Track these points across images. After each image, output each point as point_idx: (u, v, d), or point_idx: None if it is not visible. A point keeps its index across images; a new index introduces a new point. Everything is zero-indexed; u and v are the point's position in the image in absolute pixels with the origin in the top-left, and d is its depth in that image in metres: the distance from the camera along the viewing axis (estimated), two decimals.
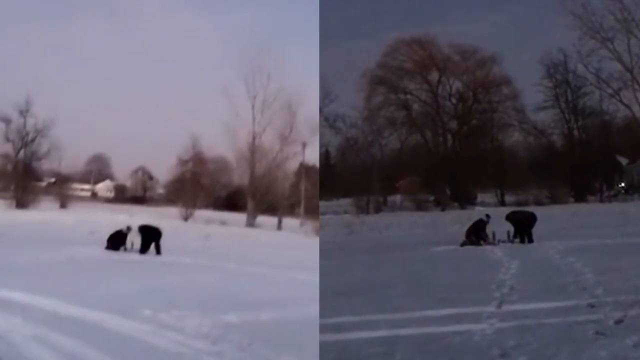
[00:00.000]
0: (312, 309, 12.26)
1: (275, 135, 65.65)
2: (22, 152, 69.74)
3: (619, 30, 59.69)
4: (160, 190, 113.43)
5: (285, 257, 27.50)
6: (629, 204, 47.11)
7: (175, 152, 75.88)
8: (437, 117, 69.50)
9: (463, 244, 22.78)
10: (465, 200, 60.75)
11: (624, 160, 64.61)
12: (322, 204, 65.04)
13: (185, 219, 62.07)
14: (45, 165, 76.07)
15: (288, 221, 61.74)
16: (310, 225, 52.19)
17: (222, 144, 71.81)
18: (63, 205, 70.08)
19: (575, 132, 67.04)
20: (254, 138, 64.58)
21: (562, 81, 66.77)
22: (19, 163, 69.45)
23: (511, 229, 23.40)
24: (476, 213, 25.31)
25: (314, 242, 34.10)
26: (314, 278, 15.84)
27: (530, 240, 22.64)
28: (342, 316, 11.53)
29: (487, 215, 24.51)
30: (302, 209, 65.89)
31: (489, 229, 23.60)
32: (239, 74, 65.41)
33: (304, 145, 66.32)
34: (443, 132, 70.19)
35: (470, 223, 24.18)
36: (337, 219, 50.17)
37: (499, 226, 23.90)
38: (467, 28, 78.15)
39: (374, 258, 21.26)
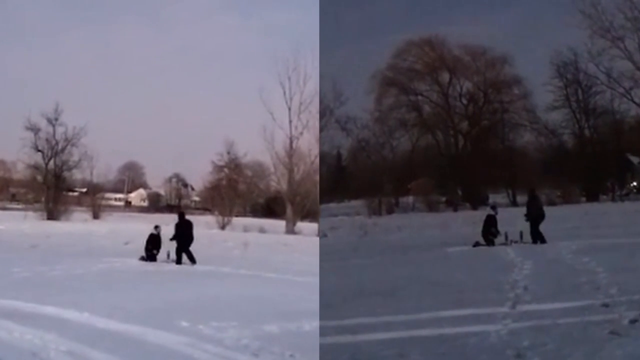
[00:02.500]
0: None
1: (312, 138, 65.79)
2: (52, 162, 70.65)
3: (629, 29, 60.86)
4: (195, 198, 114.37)
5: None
6: None
7: (210, 158, 76.58)
8: (448, 118, 70.96)
9: (475, 245, 23.14)
10: (477, 200, 61.28)
11: (635, 160, 64.72)
12: (334, 206, 67.94)
13: (222, 227, 62.42)
14: (76, 175, 77.13)
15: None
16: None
17: (258, 148, 72.11)
18: (96, 216, 70.92)
19: (587, 132, 68.30)
20: (291, 141, 64.80)
21: (573, 81, 68.06)
22: (49, 173, 70.32)
23: (525, 228, 23.75)
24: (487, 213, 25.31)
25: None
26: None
27: (543, 241, 22.94)
28: (357, 317, 11.63)
29: (493, 208, 25.15)
30: None
31: (502, 230, 23.95)
32: (274, 76, 65.88)
33: None
34: (454, 133, 71.46)
35: (482, 224, 24.45)
36: (350, 221, 50.46)
37: (511, 226, 24.15)
38: (477, 28, 79.18)
39: (387, 259, 21.51)
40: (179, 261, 25.05)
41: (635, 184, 64.94)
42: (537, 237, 23.11)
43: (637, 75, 61.17)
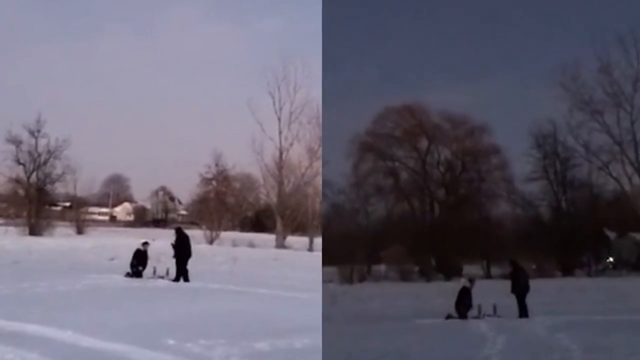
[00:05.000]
0: None
1: (303, 150, 65.87)
2: (34, 175, 70.18)
3: (608, 103, 61.42)
4: (182, 212, 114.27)
5: (317, 280, 27.52)
6: (618, 280, 47.39)
7: (197, 171, 76.42)
8: (424, 186, 71.21)
9: (448, 317, 22.73)
10: (451, 271, 60.68)
11: (612, 235, 65.24)
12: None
13: (211, 241, 62.41)
14: (59, 188, 76.45)
15: (320, 241, 61.71)
16: None
17: (247, 160, 71.94)
18: (80, 231, 70.70)
19: (564, 204, 69.23)
20: (281, 153, 64.89)
21: (551, 152, 68.86)
22: (31, 187, 69.87)
23: (498, 301, 23.54)
24: (462, 285, 25.14)
25: None
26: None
27: (526, 315, 22.77)
28: None
29: (470, 280, 24.57)
30: None
31: (475, 303, 23.49)
32: (263, 85, 65.86)
33: None
34: (430, 201, 71.74)
35: (455, 295, 23.94)
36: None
37: (485, 299, 23.72)
38: (457, 96, 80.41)
39: (356, 329, 20.97)
40: (186, 278, 25.00)
41: (611, 259, 65.33)
42: (523, 310, 22.87)
43: (615, 150, 62.30)
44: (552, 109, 64.61)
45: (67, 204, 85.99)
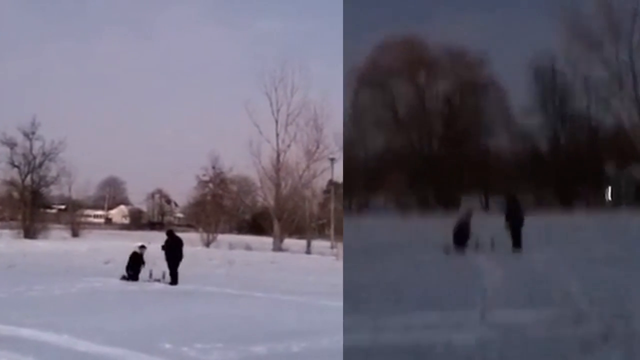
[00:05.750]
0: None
1: (301, 152, 65.84)
2: (29, 178, 70.18)
3: (607, 36, 61.44)
4: (179, 214, 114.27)
5: (315, 283, 27.51)
6: (616, 214, 47.39)
7: (194, 173, 76.43)
8: (423, 119, 71.65)
9: (446, 250, 23.13)
10: (449, 203, 60.26)
11: (611, 169, 65.31)
12: None
13: (207, 244, 62.40)
14: (54, 191, 76.64)
15: (318, 243, 61.74)
16: (341, 247, 52.18)
17: (244, 162, 71.88)
18: (75, 234, 70.77)
19: (562, 138, 69.53)
20: (278, 155, 64.81)
21: (550, 86, 69.23)
22: (26, 190, 69.88)
23: (496, 234, 23.78)
24: (459, 215, 25.45)
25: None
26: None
27: (520, 246, 23.18)
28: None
29: (469, 213, 25.18)
30: (332, 230, 65.88)
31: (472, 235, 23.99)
32: (260, 87, 65.82)
33: (332, 161, 66.38)
34: (429, 134, 72.22)
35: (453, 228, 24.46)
36: None
37: (483, 231, 24.09)
38: (455, 28, 79.65)
39: (357, 261, 21.60)
40: (174, 281, 24.99)
41: (610, 193, 65.37)
42: (517, 241, 23.22)
43: (614, 84, 62.33)
44: (551, 41, 64.64)
45: (63, 206, 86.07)
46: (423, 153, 70.48)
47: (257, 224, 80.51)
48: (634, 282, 15.33)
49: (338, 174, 67.59)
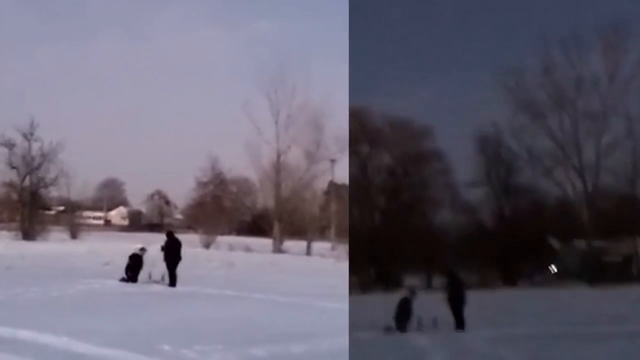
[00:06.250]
0: (344, 340, 12.24)
1: (301, 153, 65.85)
2: (27, 179, 70.16)
3: (551, 106, 61.60)
4: (178, 216, 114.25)
5: (315, 284, 27.56)
6: (561, 290, 46.62)
7: (193, 175, 76.55)
8: (365, 192, 69.22)
9: (387, 330, 21.83)
10: (391, 282, 59.29)
11: (556, 243, 64.26)
12: None
13: (207, 246, 62.38)
14: (53, 192, 76.54)
15: (318, 245, 61.75)
16: (342, 249, 52.16)
17: (244, 163, 72.03)
18: (74, 236, 70.64)
19: (506, 211, 68.23)
20: (278, 156, 64.85)
21: (494, 157, 68.18)
22: (24, 191, 69.88)
23: (439, 313, 22.39)
24: (402, 296, 24.47)
25: (345, 268, 34.03)
26: (345, 306, 15.73)
27: (463, 327, 21.87)
28: None
29: (412, 291, 23.45)
30: (332, 232, 65.90)
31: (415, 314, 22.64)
32: (260, 88, 65.85)
33: (333, 162, 66.42)
34: (370, 207, 70.14)
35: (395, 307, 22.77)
36: None
37: (426, 311, 22.47)
38: (399, 100, 79.77)
39: None
40: (173, 283, 25.01)
41: (554, 268, 64.00)
42: (460, 322, 21.81)
43: (558, 154, 62.05)
44: (495, 112, 64.93)
45: (61, 208, 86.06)
46: (364, 226, 67.92)
47: (257, 226, 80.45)
48: (577, 358, 15.06)
49: (338, 175, 67.67)
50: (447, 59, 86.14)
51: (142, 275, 25.85)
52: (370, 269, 64.14)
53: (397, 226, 65.21)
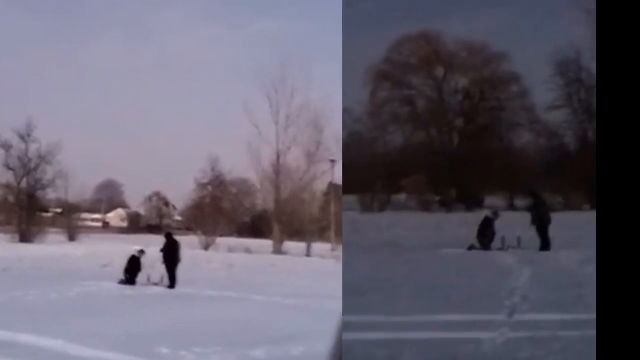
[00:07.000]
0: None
1: (301, 154, 65.78)
2: (24, 181, 70.16)
3: None
4: (177, 218, 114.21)
5: (315, 286, 27.51)
6: None
7: (193, 176, 76.49)
8: (442, 115, 70.14)
9: (470, 248, 22.64)
10: (472, 202, 60.02)
11: None
12: None
13: (206, 247, 62.39)
14: (50, 194, 76.57)
15: (318, 246, 61.71)
16: (342, 250, 52.08)
17: (243, 165, 72.10)
18: (72, 238, 70.60)
19: (590, 134, 65.01)
20: (278, 157, 64.69)
21: (575, 79, 66.89)
22: (21, 193, 69.83)
23: (522, 234, 23.04)
24: (484, 215, 24.85)
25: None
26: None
27: (548, 247, 22.24)
28: (346, 315, 11.36)
29: (495, 213, 24.38)
30: (332, 233, 65.82)
31: (498, 235, 23.27)
32: (260, 88, 65.81)
33: (333, 163, 66.37)
34: (449, 130, 70.63)
35: (477, 226, 23.84)
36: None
37: (508, 231, 23.38)
38: (475, 23, 77.76)
39: (378, 257, 21.07)
40: (172, 285, 25.03)
41: None
42: (545, 242, 22.28)
43: None
44: (575, 34, 63.36)
45: (59, 210, 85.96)
46: (444, 149, 69.10)
47: (256, 227, 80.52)
48: None
49: (339, 176, 67.51)
50: None
51: (141, 277, 25.88)
52: (452, 189, 65.11)
53: (476, 148, 65.22)
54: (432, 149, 69.02)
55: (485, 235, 22.99)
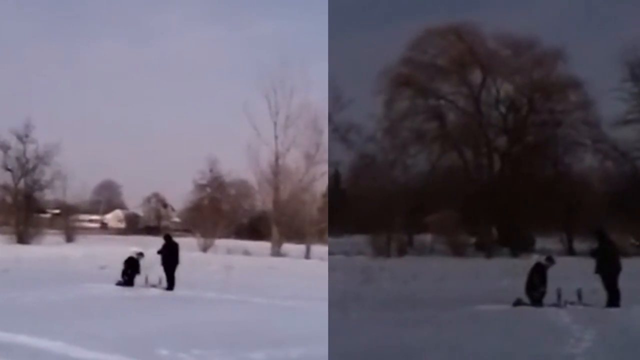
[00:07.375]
0: None
1: (300, 155, 65.67)
2: (22, 182, 70.16)
3: None
4: (176, 219, 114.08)
5: (314, 288, 27.46)
6: None
7: (191, 177, 76.47)
8: (480, 131, 57.37)
9: (516, 303, 19.09)
10: (519, 244, 49.80)
11: None
12: (330, 241, 55.85)
13: (205, 249, 62.48)
14: (48, 195, 76.46)
15: (317, 248, 61.62)
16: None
17: (242, 166, 71.97)
18: (70, 239, 70.59)
19: None
20: (277, 159, 64.66)
21: None
22: (19, 194, 69.85)
23: (584, 285, 19.62)
24: (534, 262, 20.66)
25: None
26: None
27: (617, 302, 18.59)
28: None
29: (549, 258, 20.66)
30: None
31: (552, 287, 19.41)
32: (259, 89, 65.72)
33: None
34: (488, 151, 58.14)
35: (526, 275, 19.96)
36: (349, 262, 42.70)
37: (566, 282, 20.02)
38: (520, 15, 64.29)
39: (397, 316, 17.54)
40: (170, 287, 25.02)
41: None
42: (613, 296, 18.63)
43: None
44: None
45: (57, 211, 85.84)
46: (481, 176, 57.70)
47: (255, 229, 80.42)
48: None
49: None
50: None
51: (139, 279, 25.86)
52: (492, 227, 55.39)
53: (523, 175, 55.23)
54: (467, 175, 58.20)
55: (536, 287, 19.34)
